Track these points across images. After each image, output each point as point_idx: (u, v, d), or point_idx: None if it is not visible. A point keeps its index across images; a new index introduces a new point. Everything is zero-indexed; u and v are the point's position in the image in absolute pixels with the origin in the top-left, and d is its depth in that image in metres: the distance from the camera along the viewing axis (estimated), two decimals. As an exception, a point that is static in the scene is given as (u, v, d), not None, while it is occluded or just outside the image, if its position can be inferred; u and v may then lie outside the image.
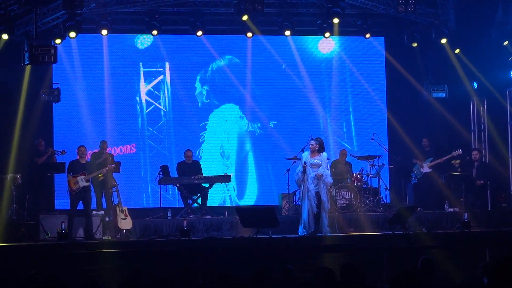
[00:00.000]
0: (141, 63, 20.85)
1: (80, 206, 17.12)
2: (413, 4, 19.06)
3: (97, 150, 18.65)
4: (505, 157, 20.86)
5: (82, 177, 16.95)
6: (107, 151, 18.55)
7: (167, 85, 20.95)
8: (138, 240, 16.95)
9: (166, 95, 20.96)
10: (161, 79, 20.96)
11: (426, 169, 19.60)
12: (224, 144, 21.15)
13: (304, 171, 16.23)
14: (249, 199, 21.06)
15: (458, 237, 16.83)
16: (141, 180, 20.61)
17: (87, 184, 17.06)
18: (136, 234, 17.34)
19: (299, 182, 16.47)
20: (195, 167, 19.20)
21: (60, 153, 18.26)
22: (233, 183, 20.35)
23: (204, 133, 20.99)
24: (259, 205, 20.10)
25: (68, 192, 17.10)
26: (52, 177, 17.99)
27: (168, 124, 20.97)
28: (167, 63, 20.97)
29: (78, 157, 17.29)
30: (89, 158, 18.13)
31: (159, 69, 20.94)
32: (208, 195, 19.02)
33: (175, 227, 17.35)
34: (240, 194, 21.01)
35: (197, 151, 20.56)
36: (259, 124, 21.25)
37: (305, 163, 16.28)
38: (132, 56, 20.79)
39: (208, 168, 19.88)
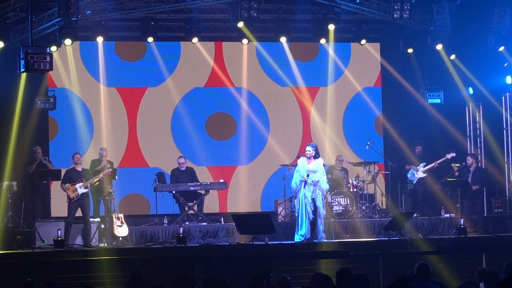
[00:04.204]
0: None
1: (78, 213, 17.13)
2: (409, 10, 19.09)
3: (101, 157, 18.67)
4: (501, 162, 20.88)
5: (81, 184, 16.97)
6: (106, 158, 18.55)
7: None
8: (134, 247, 16.94)
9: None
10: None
11: (420, 174, 19.60)
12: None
13: (305, 183, 16.23)
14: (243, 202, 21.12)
15: (454, 242, 16.82)
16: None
17: (86, 191, 17.09)
18: (132, 241, 17.35)
19: (296, 191, 16.47)
20: (189, 174, 19.17)
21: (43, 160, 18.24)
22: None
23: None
24: (255, 211, 20.09)
25: (67, 200, 17.10)
26: (48, 184, 17.95)
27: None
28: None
29: (73, 165, 17.30)
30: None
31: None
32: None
33: (172, 234, 17.35)
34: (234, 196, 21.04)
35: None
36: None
37: (307, 175, 16.26)
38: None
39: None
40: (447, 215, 19.04)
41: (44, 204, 18.20)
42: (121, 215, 17.21)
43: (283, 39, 20.35)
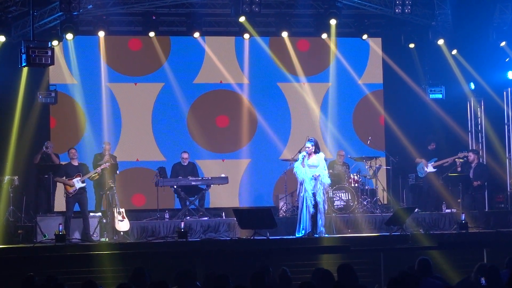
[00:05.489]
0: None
1: (76, 208, 17.14)
2: (410, 5, 19.05)
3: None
4: (502, 158, 20.87)
5: (78, 178, 16.98)
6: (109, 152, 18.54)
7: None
8: (136, 241, 16.95)
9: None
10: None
11: (430, 168, 19.59)
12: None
13: (303, 160, 16.20)
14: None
15: (455, 238, 16.84)
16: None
17: (83, 185, 17.10)
18: (133, 236, 17.36)
19: (301, 181, 16.36)
20: (191, 169, 19.16)
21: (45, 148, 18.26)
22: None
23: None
24: (257, 206, 20.09)
25: (64, 195, 17.11)
26: (49, 178, 17.96)
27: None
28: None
29: (69, 160, 17.32)
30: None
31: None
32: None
33: (173, 228, 17.36)
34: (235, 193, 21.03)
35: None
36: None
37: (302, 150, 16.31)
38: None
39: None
40: (448, 211, 19.04)
41: (46, 198, 18.22)
42: (122, 210, 17.21)
43: (284, 34, 20.34)
